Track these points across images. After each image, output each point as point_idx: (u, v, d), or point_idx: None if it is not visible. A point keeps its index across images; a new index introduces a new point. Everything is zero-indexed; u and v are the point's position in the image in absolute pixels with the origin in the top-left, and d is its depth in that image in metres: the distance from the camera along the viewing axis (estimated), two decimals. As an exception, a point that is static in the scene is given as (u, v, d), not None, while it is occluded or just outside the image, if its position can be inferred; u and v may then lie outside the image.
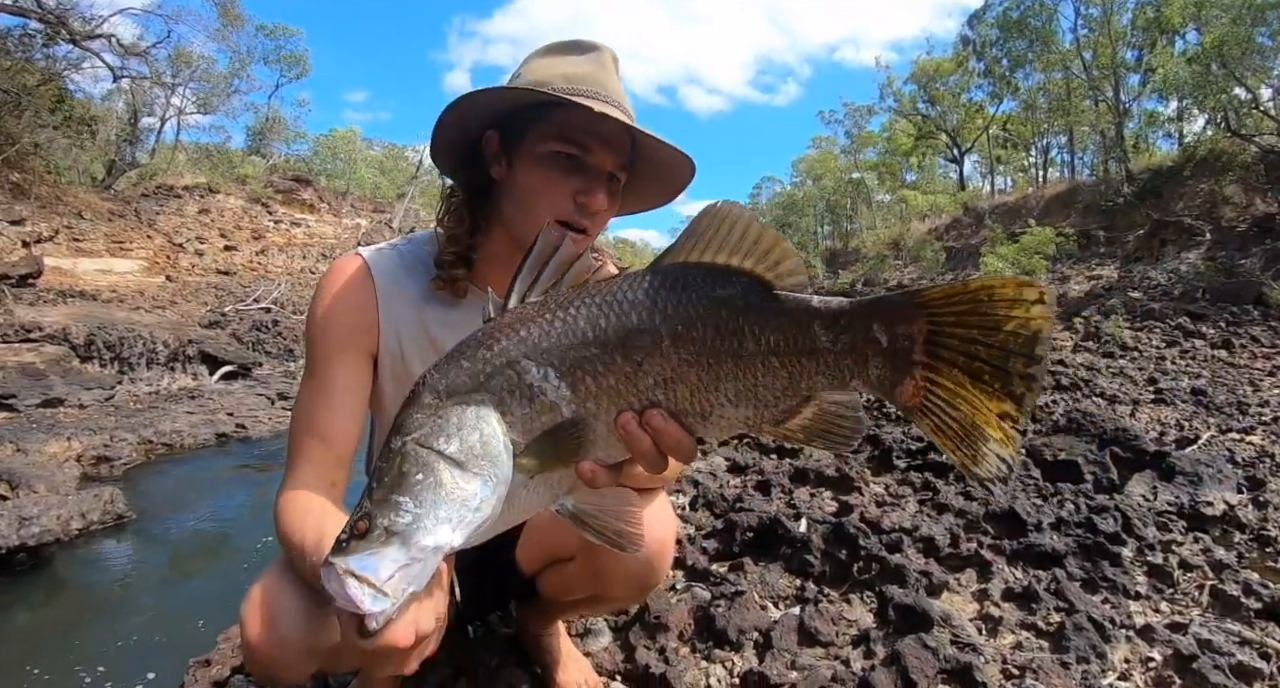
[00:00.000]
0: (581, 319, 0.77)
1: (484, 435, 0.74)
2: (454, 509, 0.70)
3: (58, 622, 3.85)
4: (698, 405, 0.78)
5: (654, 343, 0.76)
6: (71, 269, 13.76)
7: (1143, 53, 21.98)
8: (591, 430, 0.78)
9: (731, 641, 1.85)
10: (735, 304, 0.77)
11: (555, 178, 1.19)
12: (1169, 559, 2.60)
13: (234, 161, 25.58)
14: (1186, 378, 7.92)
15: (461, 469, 0.71)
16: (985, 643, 1.84)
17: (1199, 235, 15.45)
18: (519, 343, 0.78)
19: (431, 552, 0.69)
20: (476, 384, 0.77)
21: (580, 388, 0.77)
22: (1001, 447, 0.71)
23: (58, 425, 6.96)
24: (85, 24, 18.22)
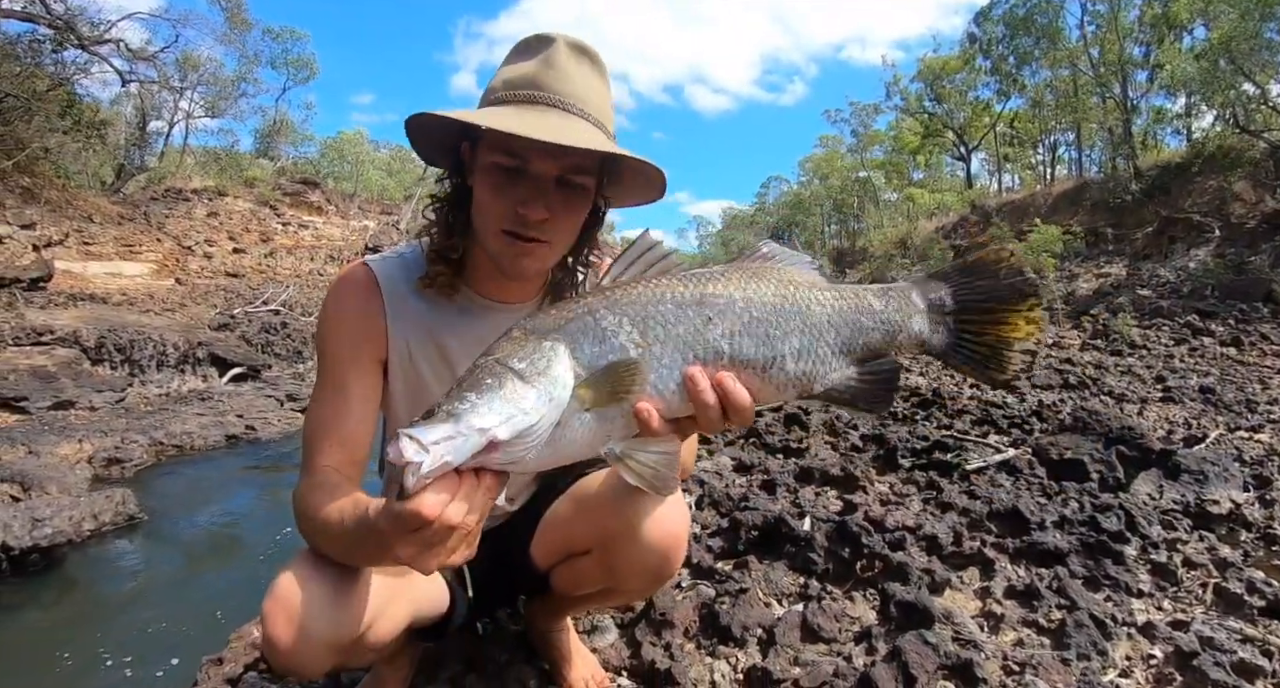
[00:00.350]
0: (663, 286, 0.93)
1: (549, 361, 0.85)
2: (506, 406, 0.80)
3: (71, 622, 3.89)
4: (761, 357, 0.91)
5: (728, 302, 0.92)
6: (82, 272, 13.86)
7: (1150, 49, 21.84)
8: (650, 372, 0.89)
9: (736, 637, 1.88)
10: (801, 281, 0.96)
11: (497, 190, 1.19)
12: (1173, 558, 2.60)
13: (242, 164, 25.70)
14: (1195, 376, 7.89)
15: (522, 380, 0.82)
16: (986, 640, 1.85)
17: (1208, 232, 15.36)
18: (602, 299, 0.92)
19: (476, 431, 0.77)
20: (556, 326, 0.89)
21: (649, 334, 0.89)
22: (1027, 339, 0.95)
23: (69, 428, 7.03)
24: (93, 29, 18.37)
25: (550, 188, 1.18)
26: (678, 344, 0.89)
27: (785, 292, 0.94)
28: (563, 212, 1.21)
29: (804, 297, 0.94)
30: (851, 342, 0.94)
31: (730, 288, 0.93)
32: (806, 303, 0.94)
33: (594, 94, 1.22)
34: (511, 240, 1.21)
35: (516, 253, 1.22)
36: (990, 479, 3.19)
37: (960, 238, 25.63)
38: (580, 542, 1.43)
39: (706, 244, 73.29)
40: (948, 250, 23.89)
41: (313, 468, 1.21)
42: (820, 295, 0.95)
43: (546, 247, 1.24)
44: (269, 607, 1.07)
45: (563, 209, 1.21)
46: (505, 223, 1.19)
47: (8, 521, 4.27)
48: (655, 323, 0.89)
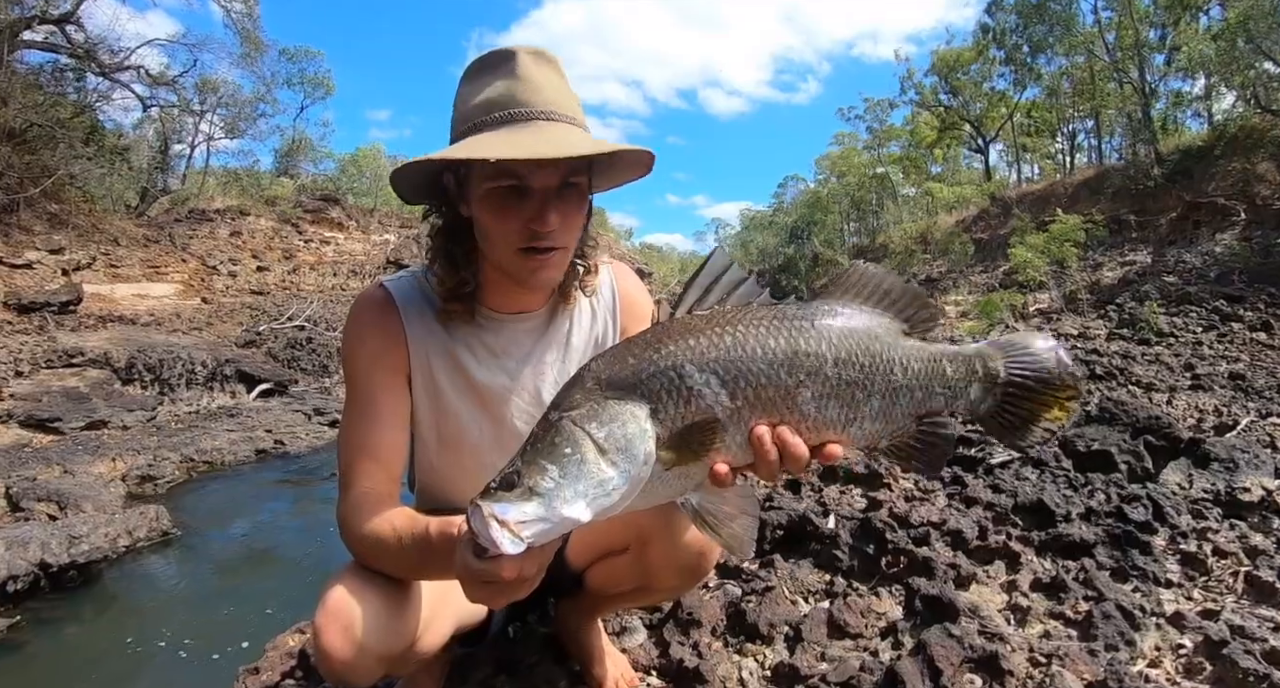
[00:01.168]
0: (751, 337, 0.89)
1: (629, 433, 0.82)
2: (590, 487, 0.78)
3: (108, 636, 3.97)
4: (843, 418, 0.91)
5: (819, 364, 0.89)
6: (110, 295, 14.11)
7: (1166, 31, 21.53)
8: (727, 433, 0.87)
9: (763, 634, 1.89)
10: (885, 340, 0.94)
11: (502, 212, 1.20)
12: (1203, 547, 2.57)
13: (263, 184, 26.06)
14: (1224, 363, 7.78)
15: (604, 455, 0.80)
16: (1013, 633, 1.85)
17: (1233, 216, 15.09)
18: (686, 349, 0.87)
19: (564, 520, 0.77)
20: (637, 381, 0.86)
21: (738, 395, 0.87)
22: (1054, 422, 1.00)
23: (102, 447, 7.17)
24: (113, 56, 18.72)
25: (554, 196, 1.21)
26: (765, 406, 0.88)
27: (874, 349, 0.93)
28: (570, 215, 1.24)
29: (890, 357, 0.94)
30: (922, 405, 0.96)
31: (823, 346, 0.90)
32: (891, 365, 0.93)
33: (564, 96, 1.24)
34: (529, 256, 1.23)
35: (536, 267, 1.25)
36: (1015, 473, 3.17)
37: (980, 230, 25.40)
38: (617, 541, 1.46)
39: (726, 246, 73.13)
40: (968, 244, 23.68)
41: (354, 488, 1.24)
42: (904, 357, 0.95)
43: (562, 252, 1.28)
44: (322, 621, 1.10)
45: (570, 213, 1.24)
46: (520, 241, 1.22)
47: (45, 539, 4.37)
48: (745, 383, 0.87)
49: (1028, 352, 1.01)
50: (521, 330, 1.43)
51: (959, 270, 23.36)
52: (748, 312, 0.91)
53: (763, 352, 0.88)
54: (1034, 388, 1.00)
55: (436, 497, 1.52)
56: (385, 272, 22.18)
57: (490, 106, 1.20)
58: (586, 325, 1.50)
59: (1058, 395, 1.00)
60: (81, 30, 17.94)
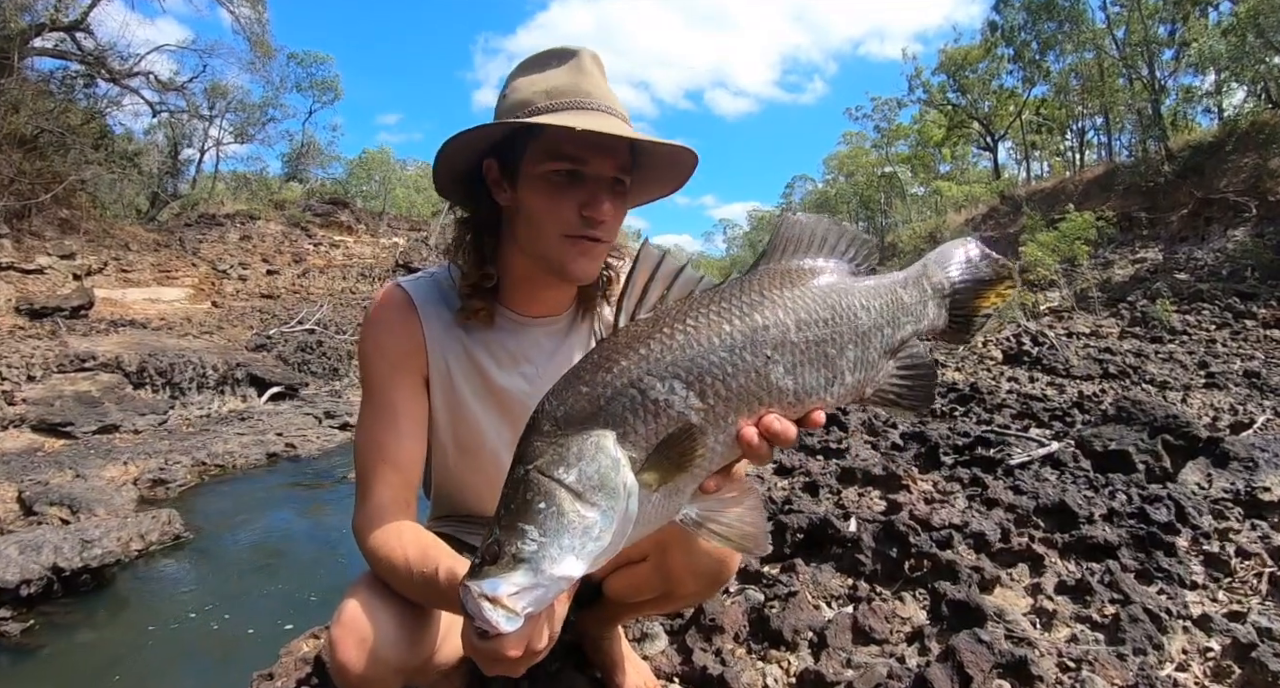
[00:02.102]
0: (703, 327, 0.81)
1: (600, 466, 0.76)
2: (575, 538, 0.73)
3: (121, 640, 3.97)
4: (823, 381, 0.85)
5: (781, 331, 0.83)
6: (121, 299, 14.20)
7: (1176, 27, 21.38)
8: (707, 436, 0.80)
9: (786, 641, 1.87)
10: (839, 287, 0.89)
11: (558, 196, 1.19)
12: (1225, 547, 2.54)
13: (272, 188, 26.24)
14: (1239, 360, 7.71)
15: (580, 499, 0.74)
16: (1040, 637, 1.82)
17: (1245, 212, 14.96)
18: (639, 361, 0.80)
19: (557, 580, 0.73)
20: (595, 409, 0.79)
21: (710, 394, 0.80)
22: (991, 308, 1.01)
23: (114, 451, 7.20)
24: (123, 63, 18.95)
25: (607, 188, 1.20)
26: (741, 396, 0.81)
27: (832, 300, 0.87)
28: (618, 210, 1.24)
29: (850, 303, 0.89)
30: (891, 339, 0.91)
31: (779, 313, 0.84)
32: (854, 310, 0.88)
33: (614, 93, 1.25)
34: (576, 242, 1.21)
35: (579, 252, 1.22)
36: (1035, 474, 3.14)
37: (990, 228, 25.29)
38: (636, 549, 1.40)
39: (735, 247, 73.12)
40: (977, 242, 23.54)
41: (371, 497, 1.22)
42: (863, 297, 0.90)
43: (605, 247, 1.26)
44: (338, 634, 1.08)
45: (618, 208, 1.23)
46: (568, 228, 1.20)
47: (58, 543, 4.38)
48: (712, 378, 0.80)
49: (963, 259, 1.01)
50: (543, 334, 1.40)
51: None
52: (693, 303, 0.84)
53: (719, 340, 0.81)
54: (977, 290, 1.00)
55: (454, 503, 1.50)
56: (395, 274, 22.27)
57: (557, 93, 1.20)
58: (607, 330, 1.47)
59: (997, 288, 1.01)
60: (91, 37, 18.15)
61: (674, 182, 1.35)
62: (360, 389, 1.38)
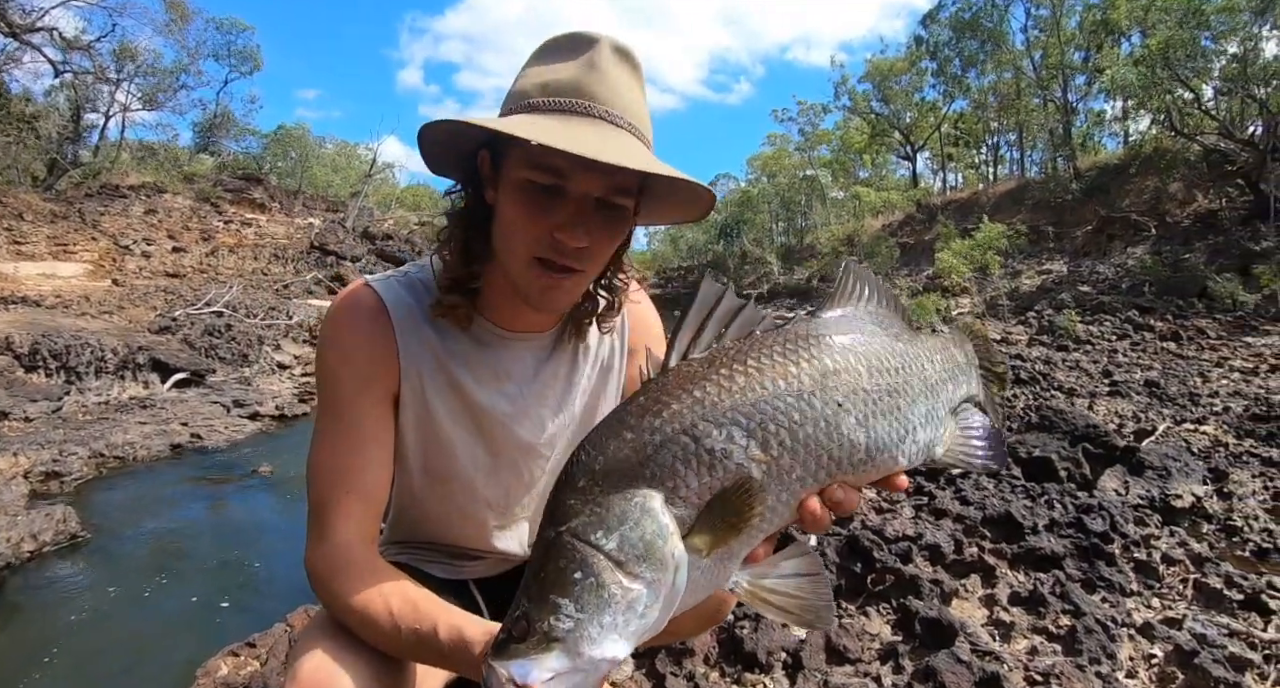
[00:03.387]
0: (767, 368, 0.73)
1: (646, 532, 0.66)
2: (618, 615, 0.64)
3: (12, 653, 3.66)
4: (895, 435, 0.78)
5: (854, 378, 0.76)
6: (13, 274, 13.17)
7: (1090, 54, 22.67)
8: (767, 493, 0.70)
9: (760, 663, 1.82)
10: (905, 337, 0.85)
11: (531, 211, 1.04)
12: (1152, 554, 2.66)
13: (181, 159, 24.81)
14: (1139, 370, 8.16)
15: (622, 570, 0.65)
16: (1003, 650, 1.85)
17: (1145, 231, 16.00)
18: (693, 405, 0.70)
19: (598, 663, 0.64)
20: (641, 460, 0.69)
21: (774, 444, 0.70)
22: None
23: (2, 440, 6.66)
24: (25, 17, 17.55)
25: (591, 210, 1.04)
26: (808, 448, 0.71)
27: (900, 348, 0.82)
28: (603, 238, 1.08)
29: (917, 353, 0.84)
30: (953, 397, 0.87)
31: (850, 357, 0.76)
32: (921, 360, 0.84)
33: (636, 105, 1.09)
34: (543, 271, 1.07)
35: (547, 285, 1.08)
36: (975, 482, 3.21)
37: (906, 235, 26.20)
38: None
39: (656, 241, 73.59)
40: (894, 248, 24.40)
41: (333, 535, 1.07)
42: (928, 351, 0.86)
43: (580, 276, 1.10)
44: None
45: (603, 235, 1.07)
46: (538, 249, 1.05)
47: (-62, 543, 4.00)
48: (777, 426, 0.70)
49: (973, 335, 1.04)
50: (525, 350, 1.27)
51: (885, 273, 24.07)
52: (754, 342, 0.75)
53: (786, 384, 0.72)
54: (988, 368, 1.02)
55: (414, 530, 1.36)
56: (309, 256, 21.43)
57: (553, 90, 1.05)
58: (594, 352, 1.34)
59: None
60: (-11, -14, 16.74)
61: (694, 210, 1.19)
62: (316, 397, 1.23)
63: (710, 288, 0.77)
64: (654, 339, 1.40)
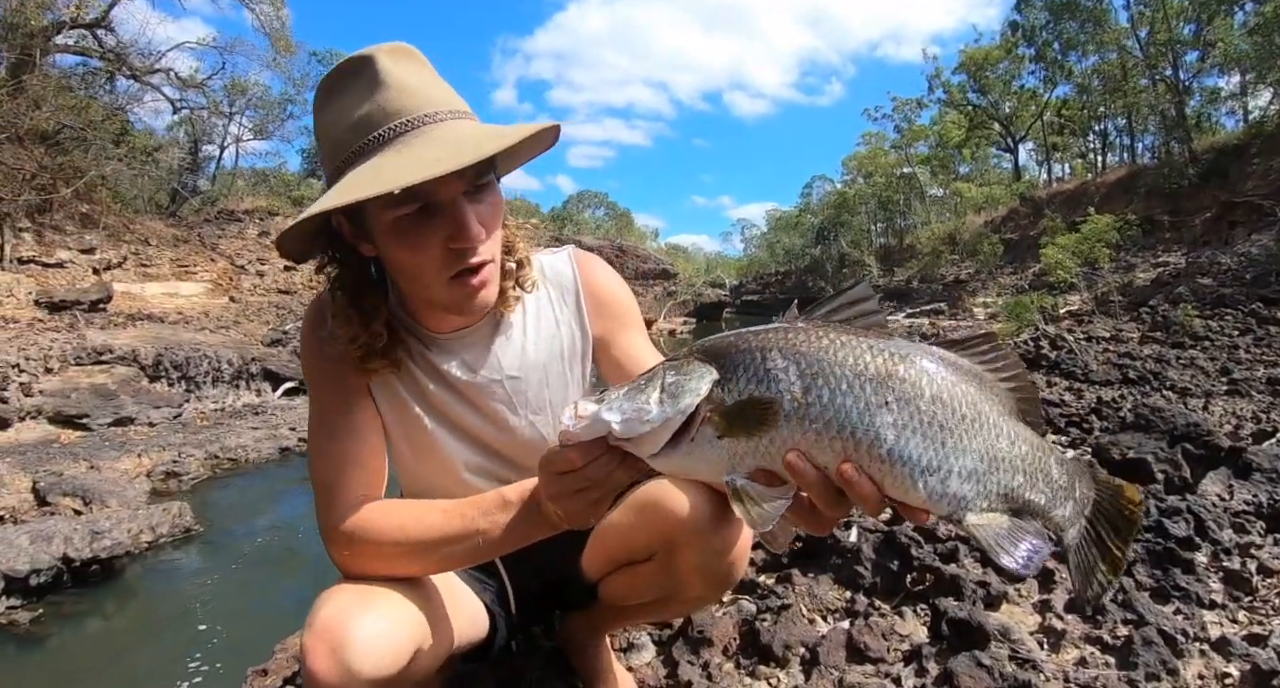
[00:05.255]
0: (850, 346, 0.84)
1: (685, 385, 0.86)
2: (632, 409, 0.86)
3: (127, 631, 4.01)
4: (924, 460, 0.83)
5: (915, 392, 0.82)
6: (140, 294, 14.33)
7: (1200, 27, 21.04)
8: (785, 426, 0.83)
9: (777, 656, 1.80)
10: (996, 407, 0.87)
11: (418, 239, 1.06)
12: (1247, 564, 2.45)
13: (290, 184, 26.39)
14: (1262, 367, 7.53)
15: (659, 393, 0.86)
16: (1046, 659, 1.75)
17: (1270, 215, 14.70)
18: (779, 338, 0.86)
19: (601, 421, 0.86)
20: (722, 352, 0.88)
21: (813, 393, 0.82)
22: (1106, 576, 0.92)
23: (128, 443, 7.26)
24: (144, 60, 19.10)
25: (465, 205, 1.07)
26: (837, 414, 0.82)
27: (981, 408, 0.86)
28: (491, 219, 1.12)
29: (998, 423, 0.86)
30: (1018, 493, 0.87)
31: (923, 380, 0.84)
32: (998, 430, 0.86)
33: (437, 89, 1.10)
34: (462, 282, 1.11)
35: (472, 292, 1.13)
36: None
37: (1010, 231, 25.03)
38: (640, 548, 1.35)
39: (752, 247, 72.95)
40: (997, 245, 23.34)
41: (339, 500, 1.14)
42: (1013, 431, 0.87)
43: (492, 264, 1.15)
44: (310, 642, 1.02)
45: (489, 217, 1.11)
46: (447, 269, 1.09)
47: (69, 533, 4.42)
48: (824, 382, 0.82)
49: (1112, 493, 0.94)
50: (463, 346, 1.31)
51: (988, 271, 23.08)
52: (860, 330, 0.87)
53: (854, 361, 0.83)
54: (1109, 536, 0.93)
55: None
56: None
57: (365, 127, 1.05)
58: (546, 334, 1.36)
59: (1124, 549, 0.93)
60: (112, 34, 18.35)
61: (541, 144, 1.22)
62: None
63: (861, 288, 0.91)
64: (622, 318, 1.40)
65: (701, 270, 55.83)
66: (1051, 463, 0.89)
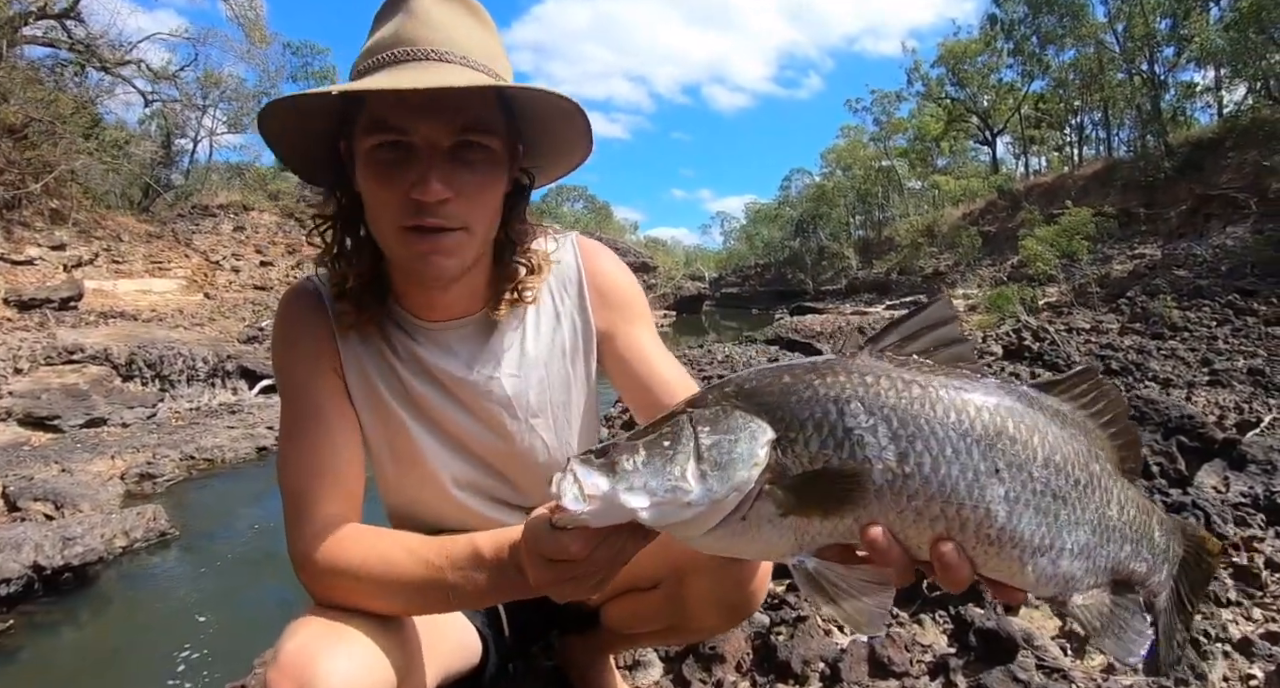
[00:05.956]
0: (948, 396, 0.70)
1: (735, 452, 0.68)
2: (663, 488, 0.67)
3: (102, 641, 3.87)
4: (1036, 540, 0.72)
5: (1025, 458, 0.71)
6: (112, 291, 14.00)
7: (1176, 22, 21.29)
8: (873, 503, 0.68)
9: (795, 673, 1.71)
10: (1107, 468, 0.76)
11: (384, 177, 0.98)
12: (1254, 559, 2.43)
13: (266, 178, 25.94)
14: (1242, 358, 7.62)
15: (697, 463, 0.68)
16: (1074, 666, 1.70)
17: (1244, 209, 14.91)
18: (859, 386, 0.70)
19: (620, 508, 0.67)
20: (780, 400, 0.70)
21: (911, 461, 0.67)
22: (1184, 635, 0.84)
23: (101, 444, 7.06)
24: (115, 52, 18.63)
25: (444, 159, 0.97)
26: (941, 487, 0.68)
27: (1093, 469, 0.74)
28: (469, 184, 0.99)
29: (1108, 486, 0.75)
30: (1124, 564, 0.77)
31: (1035, 439, 0.71)
32: (1109, 495, 0.76)
33: (474, 40, 1.02)
34: (415, 237, 0.99)
35: (424, 251, 1.00)
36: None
37: (988, 223, 25.22)
38: (646, 576, 1.24)
39: (731, 239, 73.12)
40: (976, 237, 23.50)
41: (310, 517, 1.02)
42: (1121, 494, 0.77)
43: (461, 235, 1.01)
44: (275, 678, 0.89)
45: (467, 181, 0.99)
46: (403, 217, 0.98)
47: (39, 540, 4.25)
48: (923, 447, 0.68)
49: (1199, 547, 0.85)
50: (453, 340, 1.19)
51: (966, 264, 23.24)
52: (953, 371, 0.73)
53: (957, 417, 0.69)
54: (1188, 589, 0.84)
55: (411, 520, 1.30)
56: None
57: (377, 49, 0.99)
58: (547, 328, 1.25)
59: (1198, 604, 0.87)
60: (82, 25, 17.86)
61: (570, 153, 1.12)
62: None
63: (941, 309, 0.77)
64: (625, 310, 1.28)
65: (681, 263, 55.92)
66: (1154, 526, 0.80)
